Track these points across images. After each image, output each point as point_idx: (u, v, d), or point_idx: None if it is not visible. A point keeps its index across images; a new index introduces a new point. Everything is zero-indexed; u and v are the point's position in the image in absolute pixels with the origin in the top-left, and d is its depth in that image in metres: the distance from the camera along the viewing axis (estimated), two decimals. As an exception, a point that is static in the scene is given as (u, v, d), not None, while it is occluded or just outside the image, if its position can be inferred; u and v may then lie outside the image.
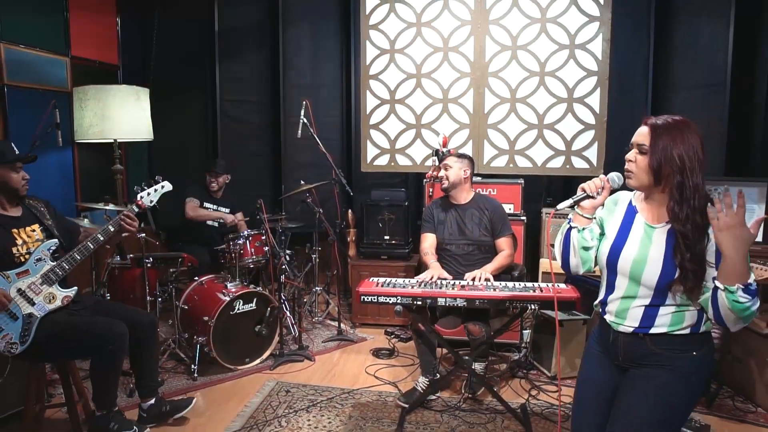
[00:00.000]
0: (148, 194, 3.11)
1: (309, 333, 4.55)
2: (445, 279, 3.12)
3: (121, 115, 4.34)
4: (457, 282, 3.08)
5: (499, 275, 3.27)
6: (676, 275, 1.71)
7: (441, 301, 2.88)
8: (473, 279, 3.09)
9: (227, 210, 4.94)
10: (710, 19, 4.41)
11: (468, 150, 4.49)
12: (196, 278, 4.17)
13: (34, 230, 2.85)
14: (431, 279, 3.09)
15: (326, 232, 4.55)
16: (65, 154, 4.74)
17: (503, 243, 3.46)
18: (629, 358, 1.86)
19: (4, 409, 3.02)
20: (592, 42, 4.28)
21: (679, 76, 4.67)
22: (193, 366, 3.75)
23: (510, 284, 3.06)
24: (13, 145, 2.80)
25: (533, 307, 2.85)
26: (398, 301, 2.89)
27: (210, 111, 5.63)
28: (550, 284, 2.99)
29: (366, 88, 4.65)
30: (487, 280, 3.08)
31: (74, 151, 4.81)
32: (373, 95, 4.65)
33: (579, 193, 1.98)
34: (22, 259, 2.74)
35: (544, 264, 4.15)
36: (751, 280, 1.56)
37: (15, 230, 2.78)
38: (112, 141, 4.48)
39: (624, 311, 1.85)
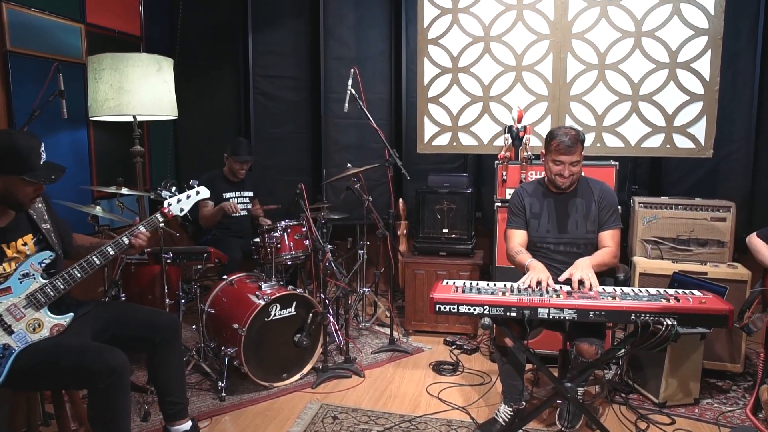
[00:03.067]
0: (179, 201, 2.50)
1: (356, 342, 3.89)
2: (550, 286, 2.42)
3: (141, 87, 3.72)
4: (560, 287, 2.37)
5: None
6: None
7: (542, 313, 2.18)
8: (579, 282, 2.38)
9: (251, 193, 4.31)
10: None
11: (546, 127, 3.75)
12: (225, 277, 3.55)
13: (25, 243, 2.20)
14: (536, 284, 2.39)
15: (374, 224, 3.88)
16: (79, 133, 4.16)
17: (607, 237, 2.74)
18: None
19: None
20: (700, -6, 3.52)
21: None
22: (220, 383, 3.12)
23: (628, 290, 2.35)
24: (42, 149, 2.13)
25: (669, 322, 2.12)
26: (486, 312, 2.19)
27: (242, 87, 5.01)
28: (685, 291, 2.27)
29: (424, 55, 3.95)
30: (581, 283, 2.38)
31: (89, 130, 4.23)
32: (432, 63, 3.95)
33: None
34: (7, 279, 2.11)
35: (641, 263, 3.40)
36: None
37: (4, 245, 2.14)
38: (131, 119, 3.88)
39: None
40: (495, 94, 3.86)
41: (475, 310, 2.20)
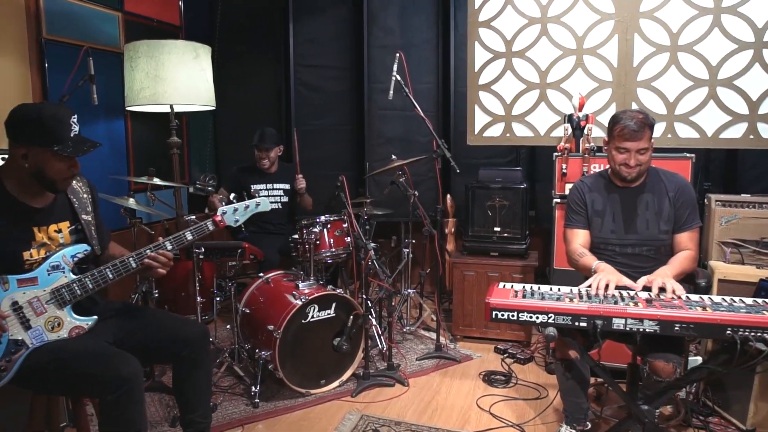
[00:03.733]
0: (235, 211, 2.29)
1: (399, 347, 3.63)
2: (624, 288, 2.10)
3: (177, 75, 3.56)
4: (638, 295, 2.06)
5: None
6: None
7: (617, 324, 1.87)
8: (660, 290, 2.06)
9: (286, 186, 4.10)
10: None
11: (610, 116, 3.41)
12: (261, 274, 3.34)
13: (60, 230, 2.03)
14: (604, 288, 2.08)
15: (420, 221, 3.62)
16: (116, 124, 4.04)
17: (685, 239, 2.39)
18: None
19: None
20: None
21: None
22: (253, 388, 2.92)
23: (718, 299, 2.01)
24: (74, 119, 1.94)
25: (774, 338, 1.78)
26: (552, 321, 1.90)
27: (282, 78, 4.83)
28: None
29: (474, 39, 3.66)
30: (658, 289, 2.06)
31: (127, 121, 4.11)
32: (484, 47, 3.66)
33: None
34: (35, 267, 1.94)
35: (720, 269, 3.02)
36: None
37: (35, 228, 1.97)
38: (168, 109, 3.73)
39: None
40: (553, 81, 3.54)
41: (537, 318, 1.91)
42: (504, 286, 2.15)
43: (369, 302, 3.17)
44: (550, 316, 1.90)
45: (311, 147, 4.56)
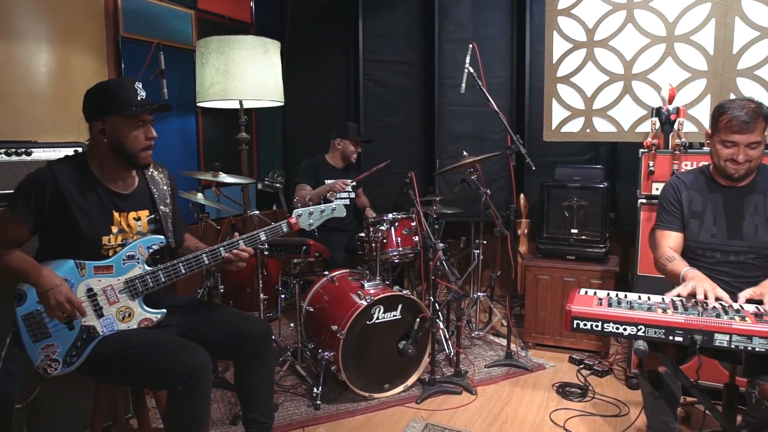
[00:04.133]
0: (310, 214, 2.24)
1: (467, 353, 3.46)
2: (721, 300, 1.86)
3: (246, 71, 3.55)
4: (743, 308, 1.81)
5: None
6: None
7: (720, 340, 1.65)
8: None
9: (354, 183, 4.01)
10: None
11: (705, 108, 3.12)
12: (326, 273, 3.27)
13: (138, 218, 2.03)
14: (698, 297, 1.85)
15: (492, 221, 3.44)
16: (188, 120, 4.09)
17: (798, 246, 2.11)
18: None
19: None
20: None
21: None
22: (315, 389, 2.84)
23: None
24: (139, 86, 1.96)
25: None
26: (642, 334, 1.69)
27: (351, 73, 4.76)
28: None
29: (553, 28, 3.44)
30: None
31: (198, 116, 4.15)
32: (563, 37, 3.43)
33: None
34: (111, 253, 1.95)
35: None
36: None
37: (117, 213, 1.98)
38: (237, 105, 3.73)
39: None
40: (639, 71, 3.26)
41: (625, 330, 1.71)
42: (586, 292, 1.96)
43: (437, 305, 3.03)
44: (640, 328, 1.70)
45: (379, 144, 4.46)
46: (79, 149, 2.34)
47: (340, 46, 4.81)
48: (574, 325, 1.77)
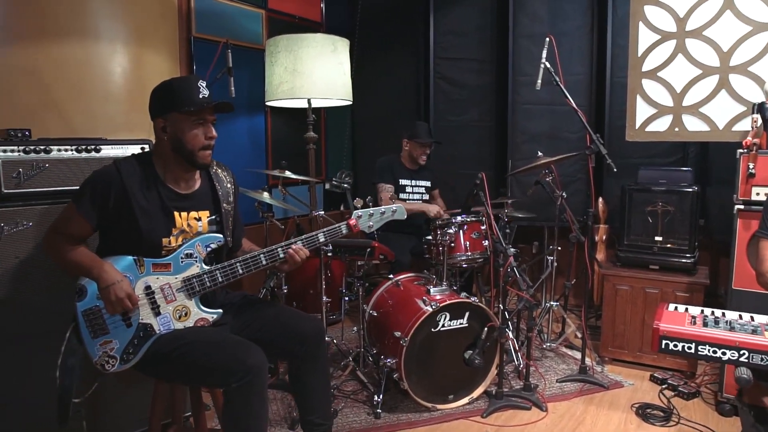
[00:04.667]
0: (370, 216, 2.16)
1: (538, 365, 3.27)
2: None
3: (315, 69, 3.51)
4: None
5: None
6: None
7: (842, 370, 1.41)
8: None
9: (428, 183, 3.89)
10: None
11: (815, 105, 2.79)
12: (391, 276, 3.16)
13: (199, 218, 2.00)
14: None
15: (567, 226, 3.23)
16: (257, 119, 4.11)
17: None
18: None
19: (123, 429, 2.30)
20: None
21: None
22: (376, 397, 2.74)
23: None
24: (203, 84, 1.93)
25: None
26: (745, 360, 1.48)
27: (421, 71, 4.65)
28: None
29: (638, 18, 3.19)
30: None
31: (267, 116, 4.16)
32: (650, 28, 3.18)
33: None
34: (170, 253, 1.94)
35: None
36: None
37: (177, 213, 1.96)
38: (305, 105, 3.70)
39: None
40: (738, 63, 2.97)
41: (725, 354, 1.50)
42: (676, 308, 1.75)
43: (506, 313, 2.86)
44: (743, 353, 1.49)
45: (449, 144, 4.32)
46: (146, 147, 2.36)
47: (410, 44, 4.71)
48: (662, 346, 1.57)
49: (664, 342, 1.57)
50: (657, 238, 3.26)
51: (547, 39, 3.07)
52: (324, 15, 4.64)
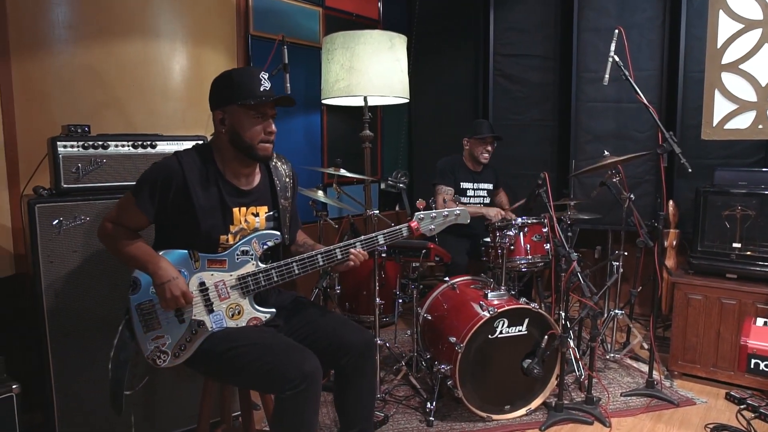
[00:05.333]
0: (432, 219, 2.06)
1: (600, 377, 3.09)
2: None
3: (371, 66, 3.45)
4: None
5: None
6: None
7: None
8: None
9: (490, 186, 3.75)
10: None
11: None
12: (447, 279, 3.06)
13: (257, 214, 1.95)
14: None
15: (634, 230, 3.04)
16: (313, 117, 4.08)
17: None
18: None
19: (171, 426, 2.30)
20: None
21: None
22: (429, 404, 2.64)
23: None
24: (264, 76, 1.88)
25: None
26: None
27: (481, 69, 4.51)
28: None
29: (718, 6, 2.97)
30: None
31: (323, 115, 4.13)
32: (731, 16, 2.95)
33: None
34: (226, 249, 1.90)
35: None
36: None
37: (237, 209, 1.92)
38: (362, 103, 3.64)
39: None
40: (832, 56, 2.72)
41: (826, 376, 1.33)
42: (765, 323, 1.58)
43: (568, 321, 2.71)
44: None
45: (509, 144, 4.17)
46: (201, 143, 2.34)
47: (470, 41, 4.59)
48: (752, 366, 1.42)
49: (753, 362, 1.41)
50: (735, 245, 3.02)
51: (616, 30, 2.89)
52: (381, 12, 4.58)
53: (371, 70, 3.44)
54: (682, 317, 3.08)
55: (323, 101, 3.74)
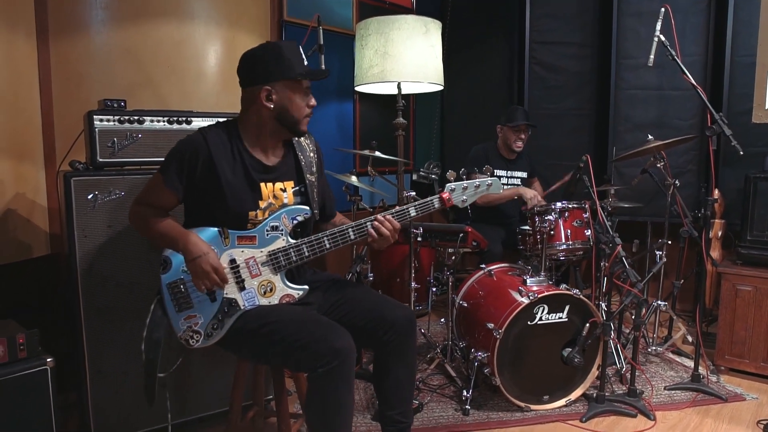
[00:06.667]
0: (464, 189, 1.98)
1: (643, 369, 2.97)
2: None
3: (405, 51, 3.39)
4: None
5: None
6: None
7: None
8: None
9: (524, 174, 3.66)
10: None
11: None
12: (483, 266, 2.98)
13: (284, 189, 1.92)
14: None
15: (679, 221, 2.92)
16: (345, 105, 4.04)
17: None
18: None
19: (204, 408, 2.28)
20: None
21: None
22: (465, 392, 2.57)
23: None
24: (301, 49, 1.87)
25: None
26: None
27: (516, 56, 4.42)
28: None
29: (773, -14, 2.85)
30: None
31: (355, 101, 4.09)
32: (785, -3, 2.82)
33: None
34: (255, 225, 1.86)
35: None
36: None
37: (264, 185, 1.88)
38: (395, 91, 3.58)
39: None
40: None
41: None
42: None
43: (610, 309, 2.61)
44: None
45: (544, 134, 4.08)
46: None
47: (505, 29, 4.50)
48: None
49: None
50: (787, 234, 2.89)
51: (663, 9, 2.78)
52: (414, 0, 4.52)
53: (406, 55, 3.38)
54: (729, 310, 2.95)
55: (356, 88, 3.69)
